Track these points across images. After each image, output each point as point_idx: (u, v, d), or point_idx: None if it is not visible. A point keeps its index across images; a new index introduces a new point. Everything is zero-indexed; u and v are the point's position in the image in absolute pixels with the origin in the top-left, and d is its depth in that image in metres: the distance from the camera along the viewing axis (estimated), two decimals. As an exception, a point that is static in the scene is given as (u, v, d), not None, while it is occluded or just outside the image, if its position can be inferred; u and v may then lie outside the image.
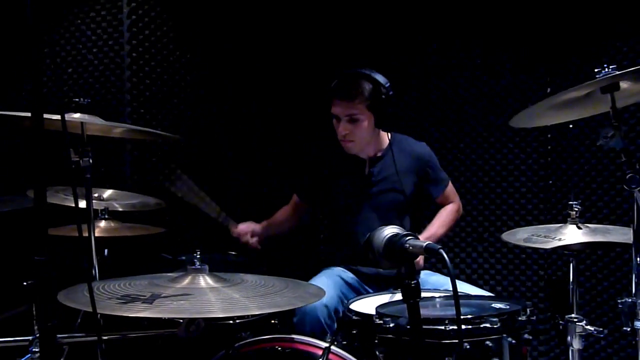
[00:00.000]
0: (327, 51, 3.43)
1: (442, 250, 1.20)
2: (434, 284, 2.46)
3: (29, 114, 1.25)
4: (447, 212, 2.76)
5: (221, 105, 3.44)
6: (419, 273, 2.50)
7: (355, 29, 3.41)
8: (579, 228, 2.26)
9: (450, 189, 2.79)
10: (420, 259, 2.49)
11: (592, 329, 2.03)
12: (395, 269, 1.26)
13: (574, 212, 2.27)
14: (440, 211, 2.77)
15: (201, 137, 3.37)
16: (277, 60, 3.46)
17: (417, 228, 2.79)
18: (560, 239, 2.21)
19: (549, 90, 3.18)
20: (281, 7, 3.44)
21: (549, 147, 3.22)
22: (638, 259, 1.80)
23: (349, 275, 2.56)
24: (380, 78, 2.48)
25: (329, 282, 2.41)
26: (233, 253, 2.83)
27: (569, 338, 2.01)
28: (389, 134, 2.63)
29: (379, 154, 2.65)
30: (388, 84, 2.48)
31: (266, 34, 3.45)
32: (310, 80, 3.37)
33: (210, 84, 3.41)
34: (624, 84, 1.81)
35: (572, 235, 2.24)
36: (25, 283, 1.70)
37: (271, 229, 2.79)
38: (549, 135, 3.20)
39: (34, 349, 1.68)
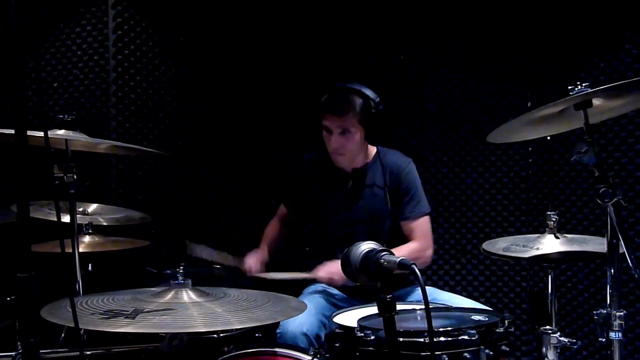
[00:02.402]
0: (316, 57, 3.46)
1: (414, 266, 1.23)
2: (418, 295, 2.50)
3: (12, 131, 1.27)
4: (407, 248, 2.53)
5: (206, 119, 3.47)
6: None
7: (346, 40, 3.45)
8: (557, 238, 2.30)
9: (423, 223, 2.59)
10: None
11: (566, 340, 2.06)
12: (371, 283, 1.29)
13: (552, 222, 2.31)
14: (402, 246, 2.54)
15: (186, 151, 3.39)
16: (270, 69, 3.47)
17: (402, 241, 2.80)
18: (538, 248, 2.25)
19: (529, 104, 3.24)
20: (275, 11, 3.46)
21: (530, 160, 3.27)
22: (612, 270, 1.84)
23: (332, 291, 2.56)
24: (370, 93, 2.52)
25: (310, 306, 2.26)
26: (218, 267, 2.84)
27: (543, 349, 2.05)
28: (377, 147, 2.69)
29: (364, 167, 2.67)
30: (378, 99, 2.53)
31: (256, 45, 3.47)
32: (305, 85, 3.40)
33: (196, 97, 3.44)
34: (596, 101, 1.86)
35: (549, 244, 2.28)
36: (8, 298, 1.71)
37: (271, 248, 2.77)
38: (529, 149, 3.26)
39: (16, 365, 1.69)
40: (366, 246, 1.32)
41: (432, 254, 2.64)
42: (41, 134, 1.46)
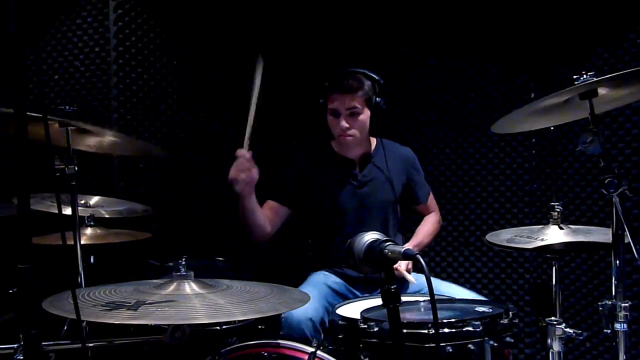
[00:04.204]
0: (317, 53, 3.44)
1: (419, 256, 1.22)
2: (420, 285, 2.49)
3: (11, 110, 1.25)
4: (430, 222, 2.85)
5: (208, 111, 3.45)
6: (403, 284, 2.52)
7: (346, 32, 3.42)
8: (561, 228, 2.29)
9: (432, 198, 2.89)
10: (403, 265, 2.51)
11: (571, 331, 2.05)
12: (375, 274, 1.28)
13: (556, 213, 2.30)
14: (424, 221, 2.85)
15: (188, 143, 3.38)
16: (270, 64, 3.44)
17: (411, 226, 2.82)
18: (542, 239, 2.24)
19: (532, 95, 3.22)
20: (276, 10, 3.43)
21: (533, 152, 3.25)
22: (617, 261, 1.83)
23: (335, 280, 2.56)
24: (375, 75, 2.58)
25: (314, 292, 2.34)
26: (221, 259, 2.83)
27: (549, 341, 2.04)
28: (376, 138, 2.73)
29: (368, 155, 2.70)
30: (383, 81, 2.58)
31: (255, 44, 3.44)
32: (301, 82, 3.37)
33: (197, 89, 3.42)
34: (602, 91, 1.84)
35: (554, 235, 2.27)
36: (10, 291, 1.71)
37: (255, 207, 2.52)
38: (533, 140, 3.24)
39: (18, 357, 1.69)
40: (370, 236, 1.31)
41: None
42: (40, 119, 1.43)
